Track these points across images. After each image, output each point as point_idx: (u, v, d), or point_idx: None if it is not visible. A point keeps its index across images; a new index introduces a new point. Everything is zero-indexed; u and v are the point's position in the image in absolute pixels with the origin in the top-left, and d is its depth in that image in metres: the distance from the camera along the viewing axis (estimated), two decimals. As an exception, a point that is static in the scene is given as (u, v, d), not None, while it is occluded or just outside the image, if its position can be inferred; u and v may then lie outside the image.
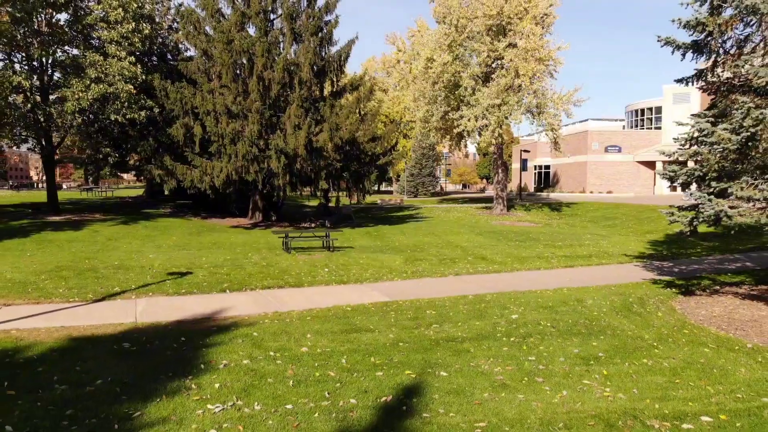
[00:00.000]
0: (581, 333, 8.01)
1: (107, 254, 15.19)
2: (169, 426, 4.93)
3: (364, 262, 14.93)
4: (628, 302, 10.03)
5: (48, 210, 24.32)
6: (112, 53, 20.58)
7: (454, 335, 7.79)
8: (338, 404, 5.38)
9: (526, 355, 6.99)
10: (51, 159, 24.13)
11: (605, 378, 6.28)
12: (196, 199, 28.34)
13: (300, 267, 13.81)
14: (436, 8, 34.32)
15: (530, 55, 30.03)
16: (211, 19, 23.60)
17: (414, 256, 16.18)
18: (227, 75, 21.97)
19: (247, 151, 21.16)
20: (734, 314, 9.46)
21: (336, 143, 22.37)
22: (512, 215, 32.89)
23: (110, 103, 20.69)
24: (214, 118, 21.30)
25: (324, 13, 24.63)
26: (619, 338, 7.82)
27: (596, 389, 5.94)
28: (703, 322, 8.94)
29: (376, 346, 7.25)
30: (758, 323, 8.91)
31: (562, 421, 5.10)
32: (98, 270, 12.63)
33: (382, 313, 9.19)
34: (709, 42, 9.56)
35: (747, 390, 6.10)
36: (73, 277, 11.74)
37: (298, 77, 22.78)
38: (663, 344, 7.65)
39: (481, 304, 9.78)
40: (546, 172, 57.34)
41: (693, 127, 9.22)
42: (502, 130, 31.19)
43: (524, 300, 10.14)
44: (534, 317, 8.85)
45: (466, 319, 8.75)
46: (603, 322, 8.67)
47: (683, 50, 10.01)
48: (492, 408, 5.35)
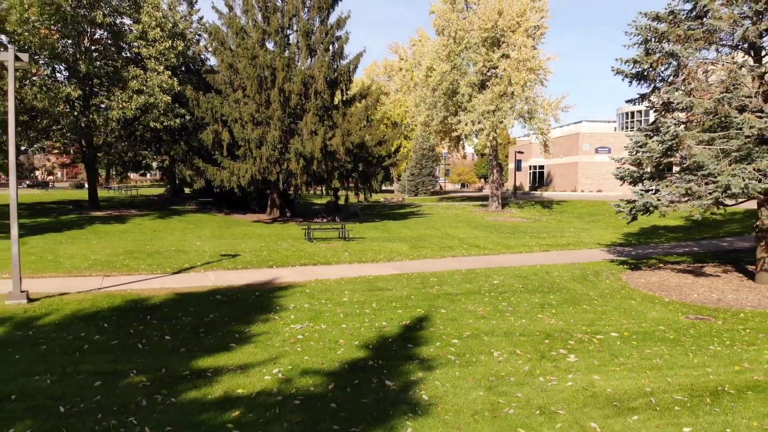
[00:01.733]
0: (543, 291, 10.94)
1: (160, 242, 18.07)
2: (270, 336, 7.83)
3: (376, 248, 17.82)
4: (585, 274, 12.96)
5: (89, 206, 27.19)
6: (151, 68, 23.46)
7: (450, 292, 10.72)
8: (375, 324, 8.30)
9: (500, 302, 9.92)
10: (93, 161, 27.01)
11: (553, 314, 9.20)
12: (218, 197, 31.27)
13: (324, 252, 16.71)
14: (436, 20, 37.28)
15: (522, 66, 32.94)
16: (235, 37, 26.46)
17: (418, 244, 19.07)
18: (252, 87, 24.84)
19: (270, 155, 24.06)
20: (665, 282, 12.38)
21: (347, 147, 25.25)
22: (506, 212, 35.79)
23: (150, 112, 23.55)
24: (241, 125, 24.20)
25: (335, 29, 27.52)
26: (570, 294, 10.75)
27: (545, 320, 8.86)
28: (639, 287, 11.86)
29: (395, 298, 10.17)
30: (681, 287, 11.83)
31: (519, 333, 8.02)
32: (162, 253, 15.54)
33: (396, 280, 12.10)
34: (648, 73, 12.46)
35: (650, 323, 9.01)
36: (145, 258, 14.64)
37: (314, 88, 25.66)
38: (602, 298, 10.57)
39: (471, 275, 12.71)
40: (540, 171, 60.29)
41: (632, 139, 12.13)
42: (496, 134, 34.13)
43: (505, 272, 13.07)
44: (510, 282, 11.79)
45: (459, 283, 11.68)
46: (561, 285, 11.60)
47: (630, 79, 12.90)
48: (473, 326, 8.27)
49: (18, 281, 9.55)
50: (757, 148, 11.05)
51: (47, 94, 22.85)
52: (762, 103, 11.37)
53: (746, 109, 11.36)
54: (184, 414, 5.16)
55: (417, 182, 65.81)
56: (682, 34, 11.34)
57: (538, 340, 7.69)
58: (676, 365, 6.85)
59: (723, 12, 11.29)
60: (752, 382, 6.27)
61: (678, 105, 11.35)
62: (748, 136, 11.07)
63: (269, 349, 7.12)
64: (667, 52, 11.14)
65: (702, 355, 7.32)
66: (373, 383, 5.95)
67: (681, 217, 26.46)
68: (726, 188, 10.41)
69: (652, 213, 12.19)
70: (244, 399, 5.50)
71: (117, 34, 24.76)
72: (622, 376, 6.39)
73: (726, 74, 11.48)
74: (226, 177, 24.55)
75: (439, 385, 5.95)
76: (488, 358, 6.88)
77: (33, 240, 17.50)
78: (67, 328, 8.05)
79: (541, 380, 6.15)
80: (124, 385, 5.91)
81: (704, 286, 11.95)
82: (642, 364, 6.83)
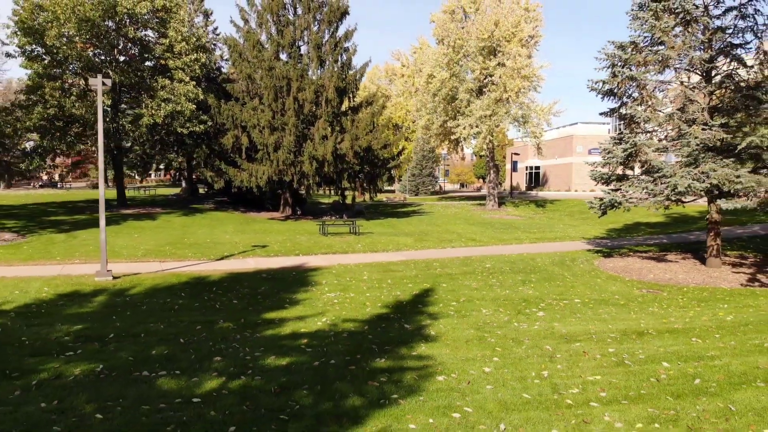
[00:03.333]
0: (526, 271, 13.34)
1: (193, 236, 20.42)
2: (312, 300, 10.20)
3: (384, 241, 20.19)
4: (564, 260, 15.36)
5: (118, 205, 29.54)
6: (178, 78, 25.82)
7: (450, 272, 13.11)
8: (392, 293, 10.69)
9: (490, 279, 12.31)
10: (121, 163, 29.37)
11: (532, 288, 11.58)
12: (234, 196, 33.63)
13: (339, 243, 19.08)
14: (436, 29, 39.71)
15: (516, 73, 35.34)
16: (252, 49, 28.82)
17: (421, 238, 21.44)
18: (268, 96, 27.21)
19: (286, 158, 26.43)
20: (630, 266, 14.77)
21: (355, 150, 27.63)
22: (502, 210, 38.18)
23: (176, 119, 25.90)
24: (259, 130, 26.58)
25: (344, 41, 29.90)
26: (548, 274, 13.14)
27: (525, 291, 11.25)
28: (607, 270, 14.24)
29: (405, 276, 12.56)
30: (641, 270, 14.21)
31: (503, 299, 10.40)
32: (200, 244, 17.91)
33: (404, 264, 14.48)
34: (616, 92, 14.84)
35: (609, 294, 11.39)
36: (188, 248, 17.00)
37: (324, 96, 28.03)
38: (574, 278, 12.96)
39: (467, 260, 15.10)
40: (536, 172, 62.70)
41: (601, 146, 14.51)
42: (492, 137, 36.51)
43: (496, 258, 15.46)
44: (500, 266, 14.18)
45: (457, 266, 14.07)
46: (542, 268, 13.99)
47: (601, 95, 15.27)
48: (468, 295, 10.66)
49: (105, 262, 11.92)
50: (703, 155, 13.43)
51: (84, 103, 25.20)
52: (708, 117, 13.77)
53: (695, 122, 13.74)
54: (268, 341, 7.54)
55: (417, 182, 68.16)
56: (642, 60, 13.73)
57: (517, 303, 10.08)
58: (618, 319, 9.24)
59: (676, 42, 13.68)
60: (671, 329, 8.65)
61: (638, 119, 13.74)
62: (697, 145, 13.45)
63: (315, 308, 9.50)
64: (628, 75, 13.52)
65: (641, 313, 9.71)
66: (395, 326, 8.34)
67: (662, 215, 28.88)
68: (674, 187, 12.79)
69: (618, 208, 14.58)
70: (307, 334, 7.88)
71: (145, 47, 27.10)
72: (576, 324, 8.78)
73: (679, 93, 13.88)
74: (245, 178, 26.90)
75: (442, 327, 8.33)
76: (478, 313, 9.26)
77: (82, 234, 19.83)
78: (154, 296, 10.43)
79: (515, 325, 8.54)
80: (217, 328, 8.29)
81: (662, 269, 14.34)
82: (593, 318, 9.22)
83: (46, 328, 8.20)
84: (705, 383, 6.08)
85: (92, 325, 8.42)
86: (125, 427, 4.82)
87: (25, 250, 16.26)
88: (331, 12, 29.50)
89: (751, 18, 14.00)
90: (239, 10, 29.67)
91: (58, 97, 24.82)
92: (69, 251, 15.82)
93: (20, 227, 21.29)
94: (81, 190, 53.11)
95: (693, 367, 6.62)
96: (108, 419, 5.00)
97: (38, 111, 24.98)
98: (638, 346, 7.63)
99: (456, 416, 5.04)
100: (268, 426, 4.81)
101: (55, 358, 6.79)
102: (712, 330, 8.54)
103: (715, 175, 12.80)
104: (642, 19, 14.10)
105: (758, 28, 14.05)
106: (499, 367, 6.46)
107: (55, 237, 19.06)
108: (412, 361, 6.64)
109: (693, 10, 13.78)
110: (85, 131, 27.25)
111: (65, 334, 7.84)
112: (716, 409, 5.38)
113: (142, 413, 5.11)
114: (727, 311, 9.85)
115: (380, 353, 6.94)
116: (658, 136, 15.17)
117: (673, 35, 13.74)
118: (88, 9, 24.25)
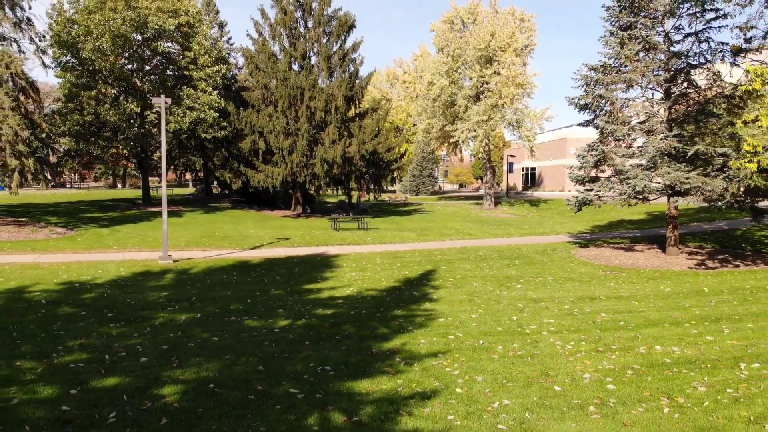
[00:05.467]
0: (511, 258, 15.96)
1: (221, 230, 23.00)
2: (338, 277, 12.80)
3: (390, 235, 22.79)
4: (546, 249, 17.98)
5: (143, 203, 32.13)
6: (202, 88, 28.41)
7: (449, 258, 15.73)
8: (401, 273, 13.31)
9: (481, 263, 14.93)
10: (147, 165, 31.99)
11: (515, 269, 14.20)
12: (250, 195, 36.24)
13: (351, 237, 21.67)
14: (436, 38, 42.39)
15: (511, 81, 37.96)
16: (268, 61, 31.41)
17: (423, 233, 24.04)
18: (283, 104, 29.80)
19: (300, 160, 29.04)
20: (601, 254, 17.37)
21: (362, 154, 30.23)
22: (498, 209, 40.79)
23: (200, 125, 28.49)
24: (275, 136, 29.17)
25: (351, 52, 32.50)
26: (530, 260, 15.76)
27: (508, 271, 13.86)
28: (581, 257, 16.83)
29: (411, 261, 15.17)
30: (610, 257, 16.81)
31: (490, 276, 13.02)
32: (231, 237, 20.50)
33: (410, 253, 17.10)
34: (590, 106, 17.44)
35: (577, 274, 13.99)
36: (221, 239, 19.58)
37: (334, 104, 30.62)
38: (551, 263, 15.56)
39: (463, 250, 17.73)
40: (532, 173, 65.36)
41: (577, 152, 17.11)
42: (489, 141, 39.14)
43: (487, 248, 18.07)
44: (490, 254, 16.80)
45: (455, 254, 16.70)
46: (525, 255, 16.61)
47: (578, 109, 17.88)
48: (462, 274, 13.29)
49: (166, 248, 14.51)
50: (661, 160, 16.04)
51: (117, 110, 27.79)
52: (665, 129, 16.39)
53: (655, 132, 16.36)
54: (313, 301, 10.14)
55: (418, 183, 70.80)
56: (609, 81, 16.35)
57: (501, 279, 12.71)
58: (579, 290, 11.85)
59: (638, 65, 16.29)
60: (618, 295, 11.27)
61: (606, 131, 16.37)
62: (655, 152, 16.05)
63: (342, 282, 12.12)
64: (598, 93, 16.14)
65: (599, 286, 12.32)
66: (406, 293, 10.96)
67: (644, 212, 31.58)
68: (634, 187, 15.41)
69: (590, 205, 17.20)
70: (341, 297, 10.49)
71: (170, 59, 29.68)
72: (544, 292, 11.40)
73: (641, 108, 16.50)
74: (262, 179, 29.49)
75: (442, 294, 10.95)
76: (470, 286, 11.87)
77: (123, 228, 22.41)
78: (212, 274, 13.03)
79: (498, 293, 11.16)
80: (271, 294, 10.90)
81: (628, 256, 16.95)
82: (559, 289, 11.84)
83: (140, 294, 10.80)
84: (626, 324, 8.70)
85: (174, 292, 11.02)
86: (236, 343, 7.42)
87: (80, 241, 18.83)
88: (339, 26, 32.09)
89: (705, 42, 16.65)
90: (254, 23, 32.25)
91: (94, 105, 27.36)
92: (120, 242, 18.40)
93: (64, 223, 23.85)
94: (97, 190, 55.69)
95: (622, 316, 9.24)
96: (221, 339, 7.61)
97: (75, 117, 27.56)
98: (588, 305, 10.24)
99: (451, 337, 7.65)
100: (329, 342, 7.42)
101: (162, 311, 9.38)
102: (649, 296, 11.16)
103: (668, 177, 15.42)
104: (610, 45, 16.73)
105: (711, 51, 16.68)
106: (482, 315, 9.08)
107: (100, 231, 21.63)
108: (420, 312, 9.26)
109: (654, 36, 16.43)
110: (115, 136, 29.82)
111: (158, 298, 10.44)
112: (627, 337, 7.99)
113: (243, 337, 7.72)
114: (668, 285, 12.47)
115: (396, 307, 9.56)
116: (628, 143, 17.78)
117: (636, 60, 16.36)
118: (119, 24, 26.82)
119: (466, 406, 5.25)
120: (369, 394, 5.54)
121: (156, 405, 5.29)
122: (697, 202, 15.90)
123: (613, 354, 7.08)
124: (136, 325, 8.46)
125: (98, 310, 9.42)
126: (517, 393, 5.64)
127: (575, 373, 6.29)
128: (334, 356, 6.75)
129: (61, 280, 11.97)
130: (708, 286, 12.39)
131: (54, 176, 25.37)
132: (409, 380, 5.94)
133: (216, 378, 6.00)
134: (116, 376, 6.11)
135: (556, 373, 6.28)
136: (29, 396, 5.62)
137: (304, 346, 7.27)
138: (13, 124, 20.53)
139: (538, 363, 6.65)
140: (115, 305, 9.84)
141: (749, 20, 15.27)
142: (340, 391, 5.63)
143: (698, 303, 10.51)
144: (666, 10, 16.31)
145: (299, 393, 5.55)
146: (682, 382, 6.06)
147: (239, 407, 5.23)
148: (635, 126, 15.95)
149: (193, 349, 7.17)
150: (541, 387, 5.85)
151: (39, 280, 11.99)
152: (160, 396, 5.52)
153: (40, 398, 5.56)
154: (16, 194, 21.88)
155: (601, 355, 7.06)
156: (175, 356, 6.81)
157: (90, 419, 5.03)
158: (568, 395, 5.63)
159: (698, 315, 9.41)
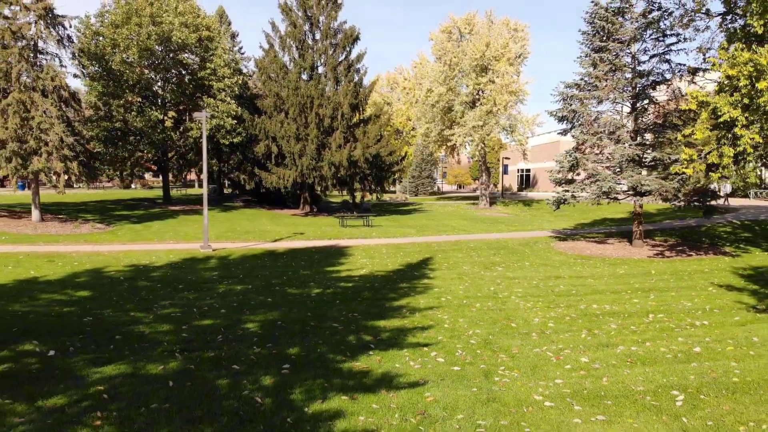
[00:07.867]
0: (498, 248, 18.69)
1: (241, 226, 25.67)
2: (352, 262, 15.51)
3: (392, 231, 25.50)
4: (529, 242, 20.71)
5: (164, 202, 34.82)
6: (221, 98, 31.12)
7: (444, 249, 18.46)
8: (405, 259, 16.04)
9: (471, 253, 17.65)
10: (166, 167, 34.70)
11: (499, 257, 16.92)
12: (260, 195, 38.97)
13: (358, 232, 24.37)
14: (434, 47, 45.18)
15: (505, 89, 40.71)
16: (279, 71, 34.13)
17: (422, 230, 26.75)
18: (293, 111, 32.52)
19: (309, 163, 31.76)
20: (576, 246, 20.08)
21: (366, 157, 32.95)
22: (493, 209, 43.51)
23: (219, 131, 31.21)
24: (287, 140, 31.89)
25: (356, 62, 35.24)
26: (513, 250, 18.48)
27: (493, 258, 16.59)
28: (558, 249, 19.54)
29: (412, 251, 17.90)
30: (583, 249, 19.53)
31: (478, 263, 15.74)
32: (252, 231, 23.19)
33: (411, 245, 19.82)
34: (567, 118, 20.16)
35: (552, 260, 16.70)
36: (244, 234, 22.27)
37: (340, 111, 33.34)
38: (531, 252, 18.28)
39: (457, 243, 20.47)
40: (527, 174, 68.13)
41: (556, 158, 19.82)
42: (485, 144, 41.89)
43: (478, 241, 20.80)
44: (480, 245, 19.53)
45: (450, 246, 19.43)
46: (510, 247, 19.34)
47: (557, 120, 20.60)
48: (455, 260, 16.02)
49: (207, 239, 17.20)
50: (626, 165, 18.76)
51: (143, 117, 30.48)
52: (630, 138, 19.12)
53: (621, 141, 19.08)
54: (336, 278, 12.85)
55: (417, 183, 73.55)
56: (583, 97, 19.08)
57: (487, 264, 15.44)
58: (549, 272, 14.56)
59: (606, 84, 19.02)
60: (579, 275, 13.98)
61: (579, 140, 19.10)
62: (621, 158, 18.76)
63: (356, 265, 14.84)
64: (571, 109, 18.88)
65: (567, 269, 15.04)
66: (408, 273, 13.68)
67: (626, 211, 34.24)
68: (602, 188, 18.13)
69: (566, 204, 19.93)
70: (357, 276, 13.21)
71: (191, 70, 32.39)
72: (520, 273, 14.12)
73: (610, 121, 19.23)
74: (274, 180, 32.21)
75: (437, 273, 13.67)
76: (461, 268, 14.59)
77: (154, 224, 25.10)
78: (247, 261, 15.73)
79: (482, 273, 13.88)
80: (301, 273, 13.61)
81: (598, 248, 19.67)
82: (533, 271, 14.56)
83: (195, 273, 13.50)
84: (577, 293, 11.43)
85: (222, 272, 13.72)
86: (286, 302, 10.13)
87: (120, 235, 21.51)
88: (345, 38, 34.83)
89: (666, 63, 19.39)
90: (265, 35, 34.98)
91: (122, 113, 30.06)
92: (157, 235, 21.09)
93: (100, 219, 26.53)
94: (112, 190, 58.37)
95: (576, 288, 11.96)
96: (274, 300, 10.31)
97: (105, 124, 30.25)
98: (552, 282, 12.96)
99: (442, 299, 10.38)
100: (354, 301, 10.14)
101: (220, 284, 12.09)
102: (605, 276, 13.88)
103: (631, 180, 18.16)
104: (584, 65, 19.46)
105: (671, 71, 19.40)
106: (468, 287, 11.81)
107: (134, 227, 24.31)
108: (419, 285, 11.98)
109: (624, 57, 19.18)
110: (139, 140, 32.51)
111: (212, 275, 13.15)
112: (574, 300, 10.71)
113: (290, 299, 10.43)
114: (624, 269, 15.19)
115: (401, 282, 12.28)
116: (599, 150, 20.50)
117: (606, 79, 19.09)
118: (144, 38, 29.48)
119: (450, 332, 7.96)
120: (386, 328, 8.26)
121: (245, 332, 8.00)
122: (656, 201, 18.63)
123: (559, 308, 9.81)
124: (205, 292, 11.16)
125: (169, 283, 12.13)
126: (486, 327, 8.36)
127: (528, 318, 9.02)
128: (359, 308, 9.47)
129: (126, 263, 14.67)
130: (656, 269, 15.11)
131: (94, 178, 27.93)
132: (412, 321, 8.66)
133: (280, 319, 8.72)
134: (209, 319, 8.82)
135: (514, 318, 9.00)
136: (154, 329, 8.32)
137: (335, 304, 9.98)
138: (59, 131, 23.21)
139: (504, 313, 9.38)
140: (181, 280, 12.54)
141: (702, 44, 18.04)
142: (366, 326, 8.34)
143: (641, 281, 13.23)
144: (631, 36, 19.05)
145: (339, 326, 8.27)
146: (601, 323, 8.78)
147: (301, 334, 7.94)
148: (605, 136, 18.69)
149: (256, 306, 9.88)
150: (503, 325, 8.57)
151: (108, 264, 14.69)
152: (245, 328, 8.24)
153: (163, 330, 8.26)
154: (63, 194, 24.58)
155: (550, 309, 9.78)
156: (246, 309, 9.52)
157: (204, 340, 7.72)
158: (520, 329, 8.35)
159: (636, 287, 12.14)
